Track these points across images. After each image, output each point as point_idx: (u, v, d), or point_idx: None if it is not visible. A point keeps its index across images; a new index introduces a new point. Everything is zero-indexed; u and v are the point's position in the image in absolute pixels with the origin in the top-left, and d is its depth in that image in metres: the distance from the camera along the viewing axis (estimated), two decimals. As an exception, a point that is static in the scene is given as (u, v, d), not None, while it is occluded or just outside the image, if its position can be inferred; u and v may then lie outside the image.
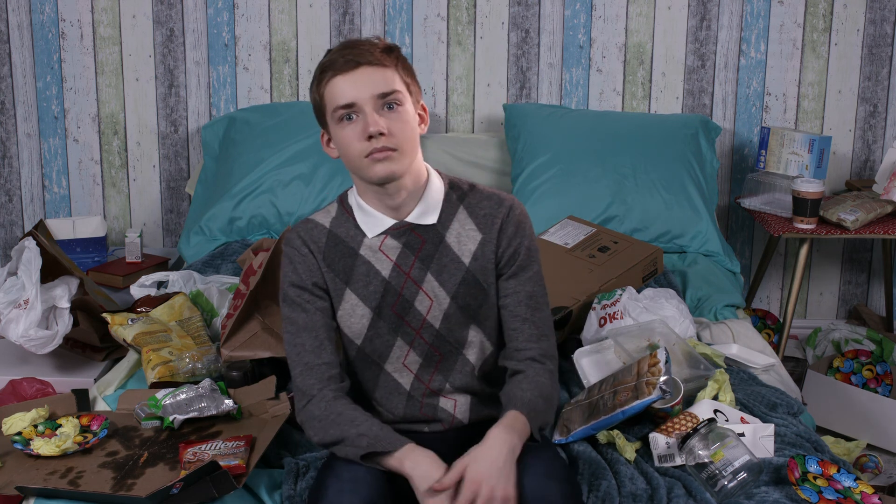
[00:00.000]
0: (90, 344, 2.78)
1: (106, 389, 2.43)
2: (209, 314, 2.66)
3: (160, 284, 2.90)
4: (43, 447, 2.09)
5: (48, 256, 2.69)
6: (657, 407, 2.08)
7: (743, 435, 2.03)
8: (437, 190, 1.95)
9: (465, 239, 1.93)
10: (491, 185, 3.47)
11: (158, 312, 2.61)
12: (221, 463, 1.92)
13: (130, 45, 3.70)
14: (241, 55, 3.70)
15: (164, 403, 2.20)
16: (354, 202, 1.96)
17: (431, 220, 1.93)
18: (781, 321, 3.51)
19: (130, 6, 3.67)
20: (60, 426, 2.18)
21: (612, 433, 2.08)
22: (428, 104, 1.97)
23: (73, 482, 1.98)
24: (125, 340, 2.53)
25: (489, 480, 1.75)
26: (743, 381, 2.40)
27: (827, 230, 3.24)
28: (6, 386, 2.54)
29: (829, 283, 3.86)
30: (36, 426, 2.18)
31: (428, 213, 1.93)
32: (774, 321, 3.64)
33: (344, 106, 1.84)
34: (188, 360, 2.39)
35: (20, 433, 2.15)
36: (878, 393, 3.26)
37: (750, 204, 3.48)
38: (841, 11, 3.62)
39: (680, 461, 2.01)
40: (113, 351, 2.78)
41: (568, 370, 2.38)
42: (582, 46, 3.67)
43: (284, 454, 2.10)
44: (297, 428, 2.20)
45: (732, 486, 1.87)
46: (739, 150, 3.74)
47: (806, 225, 3.22)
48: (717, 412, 2.10)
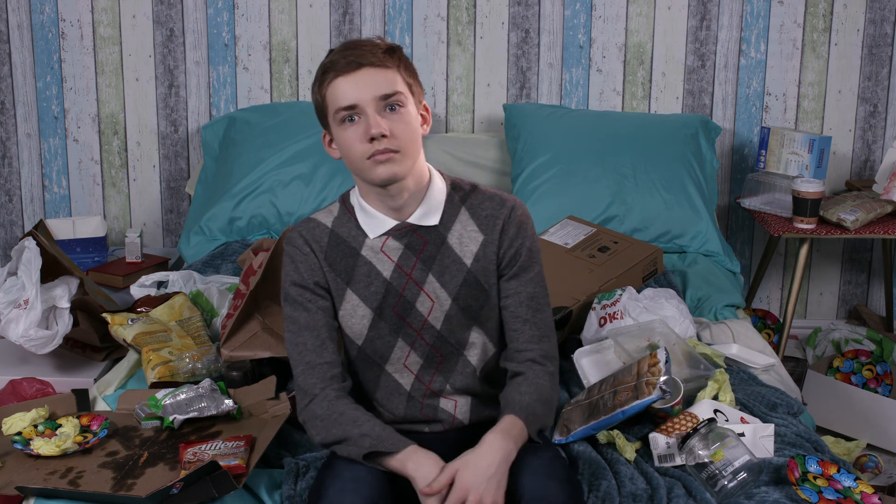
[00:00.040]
0: (90, 344, 2.78)
1: (106, 389, 2.43)
2: (209, 314, 2.66)
3: (160, 284, 2.90)
4: (43, 447, 2.09)
5: (48, 256, 2.68)
6: (657, 407, 2.08)
7: (743, 435, 2.03)
8: (439, 191, 1.94)
9: (466, 240, 1.93)
10: (491, 185, 3.47)
11: (158, 312, 2.61)
12: (221, 463, 1.91)
13: (130, 45, 3.70)
14: (241, 55, 3.70)
15: (164, 403, 2.20)
16: (356, 202, 1.95)
17: (433, 221, 1.93)
18: (781, 321, 3.51)
19: (130, 6, 3.66)
20: (60, 426, 2.18)
21: (612, 433, 2.08)
22: (428, 104, 1.96)
23: (73, 482, 1.98)
24: (125, 340, 2.53)
25: (478, 487, 1.75)
26: (743, 381, 2.40)
27: (827, 230, 3.23)
28: (6, 386, 2.54)
29: (829, 283, 3.86)
30: (36, 426, 2.18)
31: (430, 214, 1.93)
32: (774, 321, 3.64)
33: (346, 107, 1.83)
34: (188, 360, 2.39)
35: (20, 433, 2.15)
36: (878, 393, 3.26)
37: (750, 204, 3.48)
38: (841, 11, 3.62)
39: (680, 461, 2.01)
40: (113, 351, 2.77)
41: (568, 370, 2.38)
42: (582, 46, 3.66)
43: (284, 454, 2.10)
44: (297, 428, 2.20)
45: (732, 486, 1.87)
46: (739, 150, 3.74)
47: (806, 225, 3.22)
48: (717, 412, 2.10)
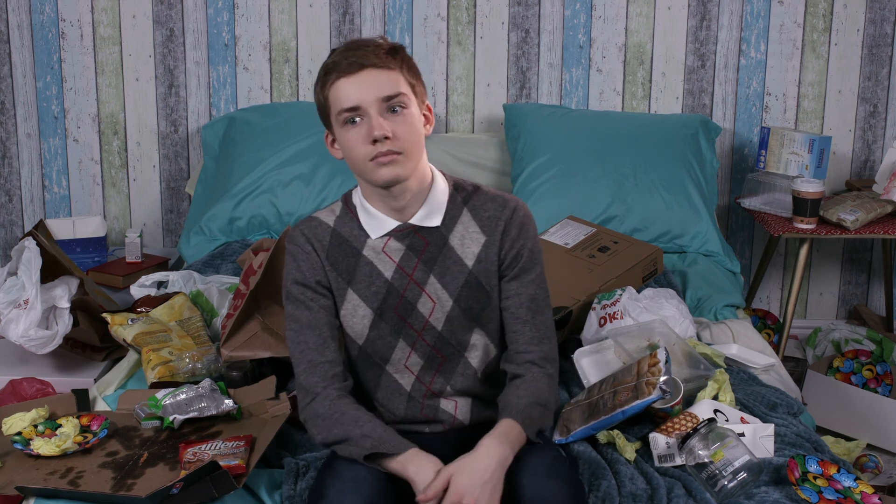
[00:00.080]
0: (90, 344, 2.78)
1: (106, 389, 2.43)
2: (209, 314, 2.66)
3: (160, 284, 2.90)
4: (43, 447, 2.09)
5: (48, 256, 2.68)
6: (657, 407, 2.08)
7: (743, 435, 2.03)
8: (441, 192, 1.94)
9: (468, 241, 1.93)
10: (491, 185, 3.47)
11: (158, 312, 2.61)
12: (221, 463, 1.91)
13: (130, 45, 3.70)
14: (241, 55, 3.70)
15: (164, 403, 2.20)
16: (358, 202, 1.95)
17: (435, 222, 1.92)
18: (781, 321, 3.51)
19: (130, 6, 3.66)
20: (60, 426, 2.18)
21: (612, 433, 2.08)
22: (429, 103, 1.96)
23: (73, 482, 1.98)
24: (125, 340, 2.53)
25: (472, 492, 1.74)
26: (743, 381, 2.40)
27: (827, 230, 3.23)
28: (6, 386, 2.54)
29: (829, 283, 3.86)
30: (36, 426, 2.18)
31: (432, 215, 1.92)
32: (774, 321, 3.64)
33: (348, 109, 1.82)
34: (188, 360, 2.39)
35: (20, 433, 2.15)
36: (878, 393, 3.26)
37: (750, 204, 3.48)
38: (841, 11, 3.62)
39: (680, 461, 2.01)
40: (113, 351, 2.77)
41: (568, 370, 2.38)
42: (582, 46, 3.66)
43: (284, 454, 2.10)
44: (297, 428, 2.20)
45: (732, 486, 1.87)
46: (739, 150, 3.74)
47: (806, 225, 3.22)
48: (717, 412, 2.10)
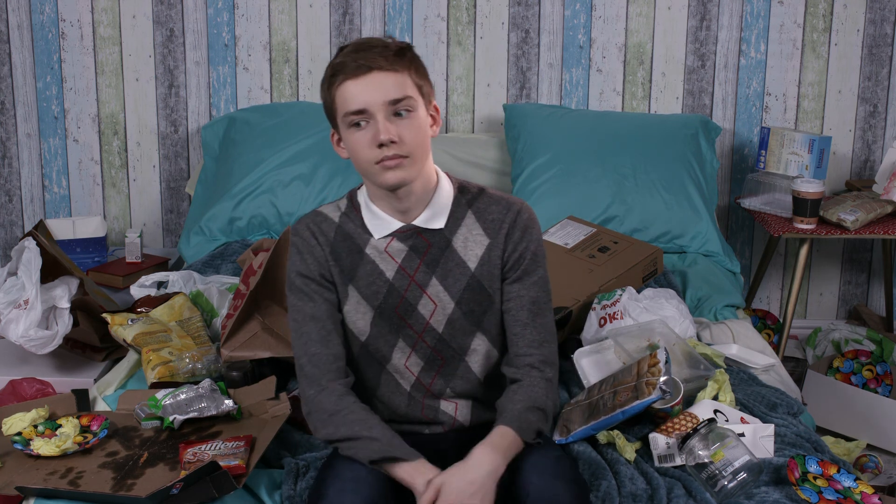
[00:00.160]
0: (90, 344, 2.78)
1: (106, 389, 2.43)
2: (209, 314, 2.66)
3: (160, 284, 2.90)
4: (43, 447, 2.08)
5: (48, 256, 2.68)
6: (657, 407, 2.08)
7: (743, 435, 2.03)
8: (446, 194, 1.93)
9: (471, 244, 1.92)
10: (491, 185, 3.47)
11: (158, 312, 2.61)
12: (221, 463, 1.91)
13: (130, 45, 3.70)
14: (241, 55, 3.70)
15: (164, 403, 2.20)
16: (363, 201, 1.94)
17: (439, 224, 1.92)
18: (781, 321, 3.51)
19: (130, 6, 3.66)
20: (60, 426, 2.17)
21: (612, 433, 2.08)
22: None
23: (73, 482, 1.98)
24: (125, 340, 2.53)
25: (462, 502, 1.73)
26: (743, 381, 2.40)
27: (827, 230, 3.23)
28: (6, 386, 2.54)
29: (829, 283, 3.86)
30: (36, 426, 2.18)
31: (436, 217, 1.92)
32: (774, 321, 3.64)
33: (354, 112, 1.82)
34: (188, 360, 2.39)
35: (20, 433, 2.15)
36: (878, 393, 3.26)
37: (750, 204, 3.48)
38: (841, 11, 3.62)
39: (680, 461, 2.01)
40: (113, 351, 2.77)
41: (568, 370, 2.38)
42: (582, 46, 3.66)
43: (284, 454, 2.10)
44: (297, 428, 2.20)
45: (732, 486, 1.87)
46: (739, 150, 3.74)
47: (806, 225, 3.22)
48: (717, 412, 2.10)
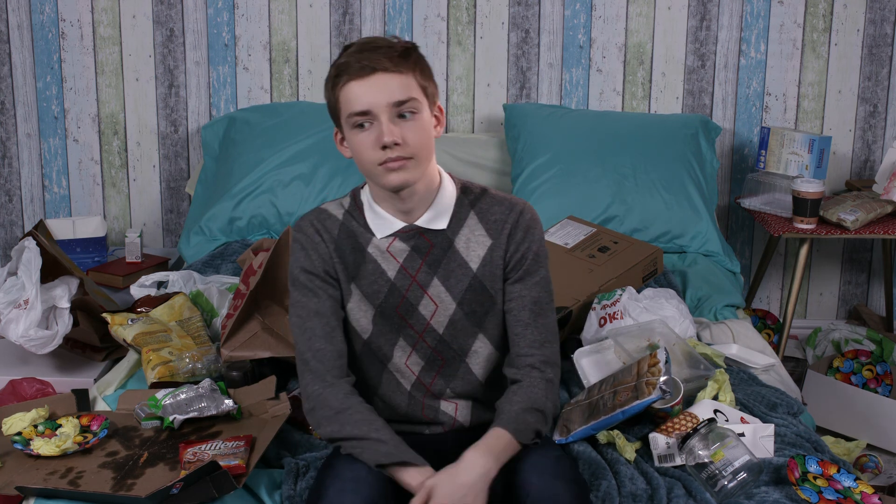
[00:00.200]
0: (90, 344, 2.78)
1: (106, 389, 2.43)
2: (209, 314, 2.66)
3: (160, 284, 2.90)
4: (43, 447, 2.08)
5: (48, 256, 2.68)
6: (657, 407, 2.08)
7: (743, 435, 2.03)
8: (448, 195, 1.93)
9: (474, 244, 1.92)
10: (491, 185, 3.47)
11: (158, 312, 2.61)
12: (221, 463, 1.91)
13: (130, 45, 3.70)
14: (241, 55, 3.70)
15: (164, 403, 2.20)
16: (366, 200, 1.94)
17: (441, 224, 1.91)
18: (781, 321, 3.51)
19: (130, 6, 3.66)
20: (60, 426, 2.17)
21: (612, 433, 2.08)
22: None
23: (73, 482, 1.98)
24: (125, 340, 2.53)
25: None
26: (743, 381, 2.40)
27: (827, 230, 3.23)
28: (6, 386, 2.54)
29: (829, 283, 3.86)
30: (36, 426, 2.18)
31: (438, 217, 1.91)
32: (774, 321, 3.64)
33: (358, 113, 1.81)
34: (188, 360, 2.39)
35: (20, 433, 2.15)
36: (878, 393, 3.26)
37: (750, 204, 3.48)
38: (841, 11, 3.62)
39: (680, 461, 2.01)
40: (113, 351, 2.77)
41: (568, 370, 2.38)
42: (582, 46, 3.66)
43: (284, 454, 2.10)
44: (297, 428, 2.20)
45: (732, 486, 1.87)
46: (739, 150, 3.74)
47: (806, 225, 3.22)
48: (717, 412, 2.10)
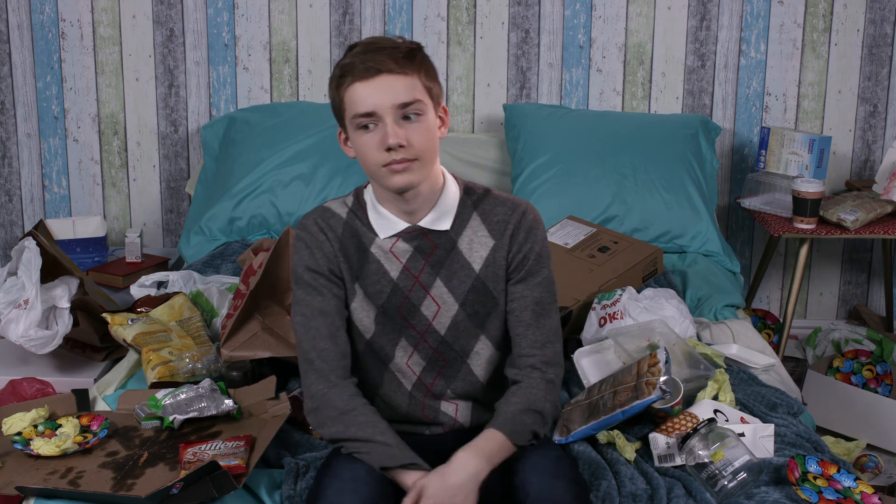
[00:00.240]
0: (90, 344, 2.78)
1: (106, 389, 2.43)
2: (209, 314, 2.66)
3: (160, 284, 2.90)
4: (43, 447, 2.08)
5: (48, 256, 2.68)
6: (657, 407, 2.08)
7: (743, 435, 2.03)
8: (452, 196, 1.93)
9: (476, 245, 1.92)
10: (491, 185, 3.47)
11: (158, 312, 2.61)
12: (221, 463, 1.91)
13: (130, 45, 3.70)
14: (241, 55, 3.70)
15: (164, 403, 2.20)
16: (370, 200, 1.94)
17: (445, 225, 1.91)
18: (781, 321, 3.51)
19: (130, 6, 3.66)
20: (60, 426, 2.17)
21: (612, 433, 2.08)
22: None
23: (73, 482, 1.98)
24: (125, 340, 2.53)
25: None
26: (743, 381, 2.40)
27: (827, 230, 3.23)
28: (6, 386, 2.54)
29: (829, 283, 3.86)
30: (36, 426, 2.18)
31: (442, 218, 1.91)
32: (774, 321, 3.64)
33: (363, 114, 1.81)
34: (188, 360, 2.39)
35: (20, 433, 2.15)
36: (878, 393, 3.26)
37: (750, 204, 3.48)
38: (841, 11, 3.62)
39: (680, 461, 2.01)
40: (113, 351, 2.77)
41: (568, 370, 2.38)
42: (582, 46, 3.66)
43: (284, 454, 2.10)
44: (297, 428, 2.20)
45: (732, 486, 1.87)
46: (739, 150, 3.74)
47: (806, 225, 3.22)
48: (717, 412, 2.10)
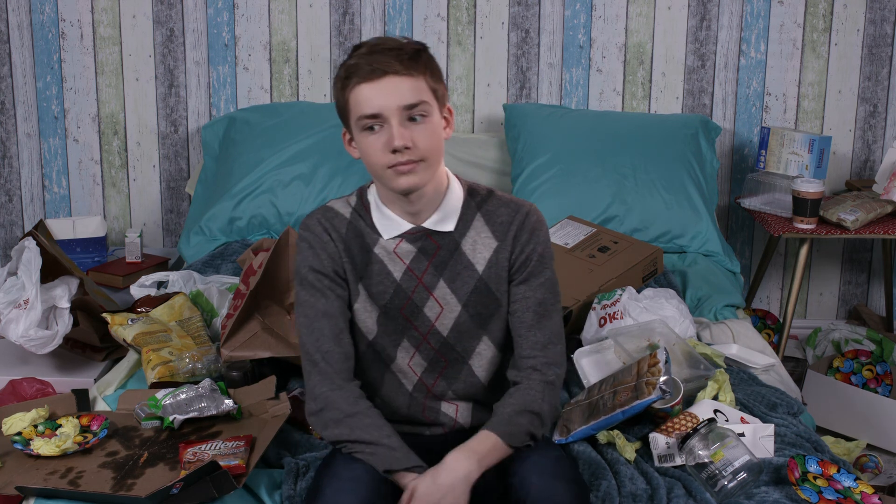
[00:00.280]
0: (90, 344, 2.78)
1: (106, 389, 2.43)
2: (209, 314, 2.66)
3: (160, 284, 2.90)
4: (43, 447, 2.08)
5: (48, 256, 2.68)
6: (657, 407, 2.08)
7: (743, 435, 2.03)
8: (456, 197, 1.92)
9: (480, 246, 1.92)
10: (491, 185, 3.47)
11: (158, 312, 2.61)
12: (221, 463, 1.91)
13: (130, 45, 3.70)
14: (241, 55, 3.70)
15: (164, 403, 2.20)
16: (373, 200, 1.94)
17: (449, 227, 1.91)
18: (781, 321, 3.51)
19: (130, 6, 3.66)
20: (60, 426, 2.18)
21: (612, 433, 2.08)
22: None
23: (73, 482, 1.98)
24: (125, 340, 2.53)
25: None
26: (743, 381, 2.40)
27: (827, 230, 3.23)
28: (6, 386, 2.54)
29: (829, 283, 3.86)
30: (36, 426, 2.18)
31: (446, 220, 1.91)
32: (774, 321, 3.64)
33: (368, 116, 1.80)
34: (188, 360, 2.39)
35: (20, 433, 2.15)
36: (878, 393, 3.26)
37: (750, 204, 3.48)
38: (841, 11, 3.62)
39: (680, 461, 2.01)
40: (113, 351, 2.77)
41: (568, 370, 2.38)
42: (582, 46, 3.66)
43: (284, 454, 2.10)
44: (297, 428, 2.20)
45: (732, 486, 1.87)
46: (739, 150, 3.74)
47: (806, 225, 3.22)
48: (717, 412, 2.10)
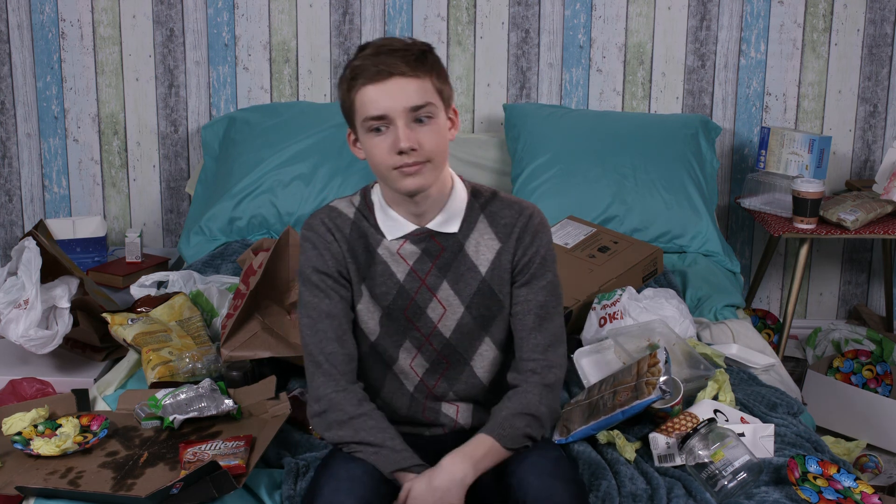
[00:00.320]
0: (90, 344, 2.78)
1: (106, 389, 2.43)
2: (209, 314, 2.66)
3: (160, 284, 2.90)
4: (43, 447, 2.08)
5: (48, 256, 2.68)
6: (657, 407, 2.08)
7: (743, 435, 2.03)
8: (460, 199, 1.93)
9: (483, 248, 1.92)
10: (491, 185, 3.47)
11: (158, 312, 2.61)
12: (221, 463, 1.91)
13: (130, 45, 3.70)
14: (241, 55, 3.70)
15: (164, 403, 2.20)
16: (377, 201, 1.93)
17: (453, 228, 1.91)
18: (781, 321, 3.51)
19: (130, 6, 3.66)
20: (60, 426, 2.17)
21: (612, 433, 2.08)
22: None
23: (73, 482, 1.98)
24: (125, 340, 2.53)
25: None
26: (743, 381, 2.40)
27: (827, 230, 3.23)
28: (6, 386, 2.54)
29: (829, 283, 3.86)
30: (36, 426, 2.18)
31: (450, 221, 1.91)
32: (774, 321, 3.64)
33: (374, 117, 1.80)
34: (188, 360, 2.39)
35: (20, 433, 2.15)
36: (878, 393, 3.26)
37: (750, 204, 3.48)
38: (841, 11, 3.62)
39: (680, 461, 2.01)
40: (113, 351, 2.78)
41: (568, 370, 2.38)
42: (582, 46, 3.66)
43: (284, 454, 2.10)
44: (297, 428, 2.20)
45: (732, 486, 1.87)
46: (739, 150, 3.74)
47: (806, 225, 3.22)
48: (717, 412, 2.10)
